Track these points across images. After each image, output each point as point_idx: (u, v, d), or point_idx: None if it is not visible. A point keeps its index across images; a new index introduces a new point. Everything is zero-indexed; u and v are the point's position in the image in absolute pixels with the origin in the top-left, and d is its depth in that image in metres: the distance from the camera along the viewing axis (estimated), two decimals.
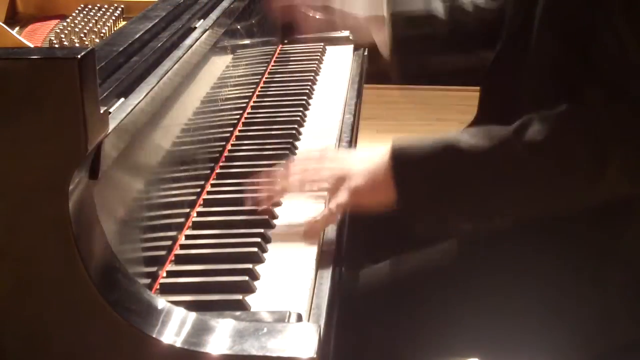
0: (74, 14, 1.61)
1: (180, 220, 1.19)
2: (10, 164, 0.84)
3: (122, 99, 0.99)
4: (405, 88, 4.12)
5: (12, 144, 0.83)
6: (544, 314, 1.22)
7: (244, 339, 0.86)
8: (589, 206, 1.16)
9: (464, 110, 1.42)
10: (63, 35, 1.48)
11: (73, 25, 1.53)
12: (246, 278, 1.04)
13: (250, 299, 1.00)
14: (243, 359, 0.84)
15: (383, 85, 3.91)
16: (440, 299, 1.25)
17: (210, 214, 1.23)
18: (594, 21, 1.12)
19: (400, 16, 1.52)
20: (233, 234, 1.16)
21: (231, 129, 1.52)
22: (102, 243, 0.89)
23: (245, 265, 1.07)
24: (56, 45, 1.46)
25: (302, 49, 2.02)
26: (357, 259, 1.37)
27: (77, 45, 1.46)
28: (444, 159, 1.14)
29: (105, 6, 1.65)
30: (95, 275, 0.85)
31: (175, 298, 0.97)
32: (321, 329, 0.90)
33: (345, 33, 2.10)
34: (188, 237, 1.17)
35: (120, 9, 1.65)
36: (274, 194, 1.22)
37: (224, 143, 1.46)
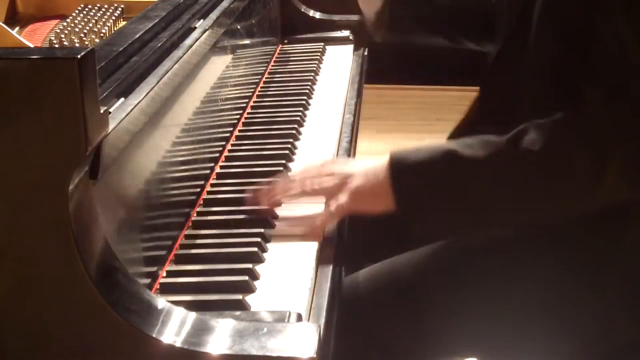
0: (74, 14, 1.61)
1: (180, 220, 1.19)
2: (10, 164, 0.84)
3: (122, 99, 0.99)
4: (405, 88, 4.13)
5: (12, 144, 0.83)
6: (544, 319, 1.22)
7: (244, 339, 0.86)
8: (587, 212, 1.17)
9: (464, 111, 1.42)
10: (63, 35, 1.48)
11: (73, 25, 1.53)
12: (246, 278, 1.04)
13: (250, 299, 1.00)
14: (243, 359, 0.84)
15: (383, 85, 3.91)
16: (441, 299, 1.25)
17: (210, 214, 1.23)
18: (593, 21, 1.12)
19: None
20: (233, 234, 1.16)
21: (231, 129, 1.52)
22: (102, 243, 0.89)
23: (245, 265, 1.07)
24: (56, 45, 1.46)
25: (302, 49, 2.02)
26: (357, 259, 1.37)
27: (77, 45, 1.46)
28: (442, 168, 1.15)
29: (105, 6, 1.65)
30: (95, 275, 0.85)
31: (175, 298, 0.97)
32: (321, 329, 0.90)
33: (345, 33, 2.10)
34: (188, 237, 1.17)
35: (120, 9, 1.65)
36: (275, 201, 1.22)
37: (223, 143, 1.46)
